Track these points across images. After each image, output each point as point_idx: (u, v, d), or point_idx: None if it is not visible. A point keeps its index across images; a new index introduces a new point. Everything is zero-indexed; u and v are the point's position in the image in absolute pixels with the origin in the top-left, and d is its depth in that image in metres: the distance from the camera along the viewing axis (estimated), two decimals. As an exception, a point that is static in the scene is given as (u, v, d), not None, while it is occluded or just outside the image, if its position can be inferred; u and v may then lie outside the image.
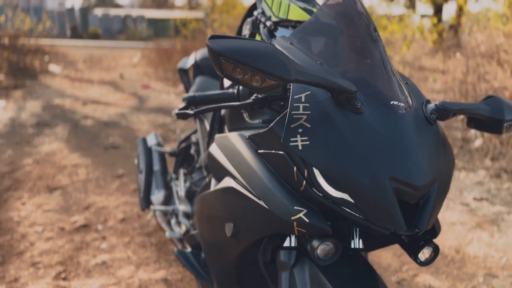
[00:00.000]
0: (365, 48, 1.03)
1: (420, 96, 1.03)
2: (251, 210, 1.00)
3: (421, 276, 2.05)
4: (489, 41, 8.01)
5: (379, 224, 0.85)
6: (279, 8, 1.29)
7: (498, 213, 2.72)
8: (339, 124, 0.87)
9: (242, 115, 1.18)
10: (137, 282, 1.98)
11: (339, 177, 0.85)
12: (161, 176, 2.11)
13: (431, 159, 0.89)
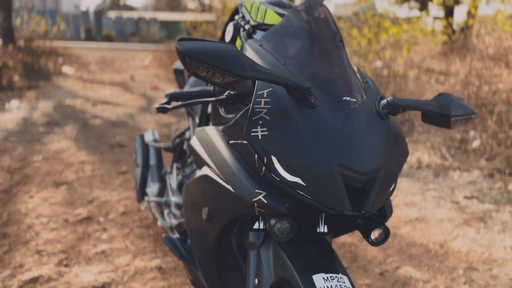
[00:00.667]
0: (327, 50, 1.14)
1: (376, 93, 1.13)
2: (221, 195, 1.11)
3: (403, 268, 2.15)
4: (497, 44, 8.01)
5: (327, 204, 0.95)
6: (257, 13, 1.41)
7: (486, 211, 2.79)
8: (294, 117, 0.99)
9: (219, 110, 1.29)
10: (133, 270, 2.11)
11: (293, 164, 0.96)
12: (157, 170, 2.24)
13: (378, 149, 1.00)
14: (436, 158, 3.81)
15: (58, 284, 1.99)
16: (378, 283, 2.02)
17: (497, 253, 2.28)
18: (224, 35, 1.54)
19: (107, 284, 1.99)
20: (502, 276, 2.08)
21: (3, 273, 2.06)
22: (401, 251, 2.31)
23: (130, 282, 2.01)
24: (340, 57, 1.13)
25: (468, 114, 1.14)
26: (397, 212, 2.78)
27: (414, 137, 4.42)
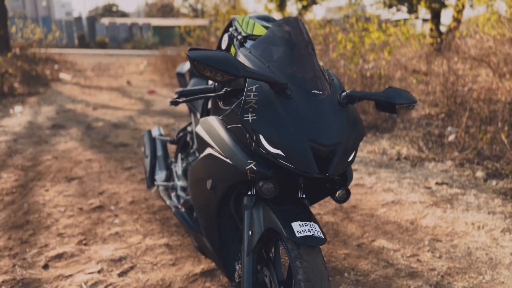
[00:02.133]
0: (301, 55, 1.48)
1: (339, 87, 1.48)
2: (222, 167, 1.45)
3: (377, 241, 2.49)
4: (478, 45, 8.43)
5: (301, 169, 1.29)
6: (247, 26, 1.75)
7: (454, 194, 3.15)
8: (276, 105, 1.33)
9: (218, 103, 1.64)
10: (144, 247, 2.44)
11: (275, 140, 1.29)
12: (163, 160, 2.57)
13: (338, 128, 1.34)
14: (414, 151, 4.17)
15: (80, 258, 2.31)
16: (355, 252, 2.36)
17: (459, 228, 2.63)
18: (221, 44, 1.88)
19: (123, 258, 2.31)
20: (461, 245, 2.43)
21: (31, 251, 2.38)
22: (377, 228, 2.65)
23: (142, 256, 2.33)
24: (311, 60, 1.47)
25: (411, 102, 1.48)
26: (376, 197, 3.13)
27: (394, 132, 4.79)
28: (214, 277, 2.13)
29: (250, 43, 1.71)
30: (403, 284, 2.07)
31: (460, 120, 4.66)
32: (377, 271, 2.19)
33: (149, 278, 2.13)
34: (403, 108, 1.48)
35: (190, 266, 2.23)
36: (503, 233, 2.55)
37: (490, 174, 3.47)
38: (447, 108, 5.35)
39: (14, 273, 2.16)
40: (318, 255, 1.30)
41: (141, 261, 2.29)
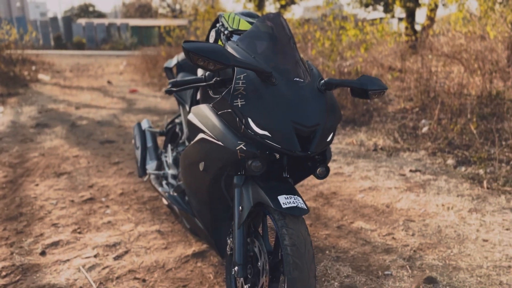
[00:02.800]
0: (284, 47, 1.64)
1: (318, 76, 1.64)
2: (214, 149, 1.60)
3: (356, 223, 2.67)
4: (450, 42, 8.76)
5: (285, 147, 1.45)
6: (233, 22, 1.90)
7: (426, 180, 3.37)
8: (262, 91, 1.48)
9: (209, 92, 1.78)
10: (136, 233, 2.56)
11: (262, 122, 1.45)
12: (153, 150, 2.70)
13: (318, 112, 1.51)
14: (390, 142, 4.39)
15: (76, 245, 2.42)
16: (335, 233, 2.54)
17: (431, 209, 2.84)
18: (209, 39, 2.03)
19: (117, 243, 2.44)
20: (432, 224, 2.63)
21: (27, 240, 2.48)
22: (355, 211, 2.84)
23: (136, 242, 2.46)
24: (292, 52, 1.64)
25: (382, 89, 1.66)
26: (354, 184, 3.32)
27: (371, 125, 5.01)
28: (205, 258, 2.28)
29: (236, 38, 1.85)
30: (379, 258, 2.25)
31: (433, 113, 4.91)
32: (356, 248, 2.37)
33: (143, 261, 2.26)
34: (375, 94, 1.65)
35: (181, 249, 2.37)
36: (470, 213, 2.77)
37: (460, 162, 3.71)
38: (421, 102, 5.60)
39: (13, 259, 2.26)
40: (302, 224, 1.47)
41: (134, 246, 2.42)
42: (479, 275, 2.08)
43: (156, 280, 2.09)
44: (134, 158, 4.05)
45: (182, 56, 2.72)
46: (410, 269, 2.15)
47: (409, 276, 2.09)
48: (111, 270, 2.17)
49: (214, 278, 2.10)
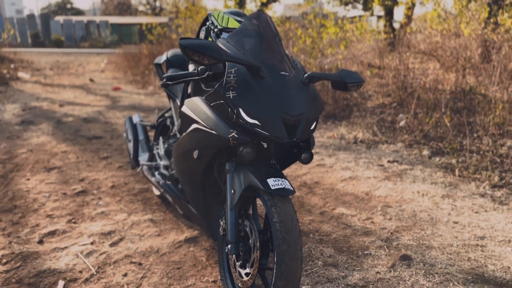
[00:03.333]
0: (270, 44, 1.79)
1: (302, 70, 1.80)
2: (208, 138, 1.74)
3: (337, 209, 2.85)
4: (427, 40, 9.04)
5: (273, 135, 1.60)
6: (222, 20, 2.04)
7: (403, 170, 3.57)
8: (251, 84, 1.63)
9: (201, 86, 1.92)
10: (130, 222, 2.68)
11: (252, 112, 1.60)
12: (145, 143, 2.82)
13: (302, 102, 1.66)
14: (369, 135, 4.60)
15: (72, 234, 2.53)
16: (318, 218, 2.71)
17: (407, 196, 3.04)
18: (199, 36, 2.16)
19: (112, 231, 2.55)
20: (408, 209, 2.82)
21: (24, 230, 2.58)
22: (337, 199, 3.01)
23: (130, 230, 2.58)
24: (278, 48, 1.79)
25: (359, 82, 1.82)
26: (335, 174, 3.50)
27: (351, 120, 5.21)
28: (197, 243, 2.42)
29: (226, 35, 1.99)
30: (359, 240, 2.43)
31: (410, 107, 5.14)
32: (338, 232, 2.54)
33: (138, 247, 2.38)
34: (353, 86, 1.81)
35: (174, 236, 2.50)
36: (443, 198, 2.98)
37: (434, 152, 3.93)
38: (398, 97, 5.83)
39: (12, 248, 2.36)
40: (289, 203, 1.62)
41: (129, 233, 2.54)
42: (449, 253, 2.28)
43: (151, 263, 2.22)
44: (121, 153, 4.15)
45: (171, 52, 2.84)
46: (387, 248, 2.33)
47: (386, 255, 2.27)
48: (108, 255, 2.29)
49: (206, 260, 2.24)
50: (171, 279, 2.08)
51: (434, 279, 2.04)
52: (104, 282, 2.05)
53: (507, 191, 3.07)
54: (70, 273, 2.13)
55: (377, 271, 2.12)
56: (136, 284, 2.03)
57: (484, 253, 2.27)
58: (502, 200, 2.93)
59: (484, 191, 3.08)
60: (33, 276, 2.09)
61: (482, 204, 2.88)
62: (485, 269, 2.12)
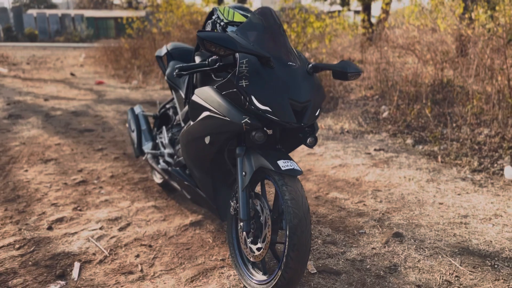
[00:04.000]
0: (277, 36, 1.93)
1: (305, 61, 1.95)
2: (220, 124, 1.87)
3: (331, 194, 3.02)
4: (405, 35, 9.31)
5: (283, 120, 1.74)
6: (228, 14, 2.17)
7: (389, 157, 3.78)
8: (262, 73, 1.77)
9: (211, 76, 2.05)
10: (134, 209, 2.79)
11: (264, 99, 1.74)
12: (148, 132, 2.92)
13: (308, 90, 1.81)
14: (355, 126, 4.79)
15: (79, 220, 2.62)
16: (314, 202, 2.88)
17: (394, 181, 3.24)
18: (205, 29, 2.28)
19: (118, 217, 2.66)
20: (396, 193, 3.02)
21: (31, 218, 2.65)
22: (329, 184, 3.19)
23: (135, 216, 2.69)
24: (284, 40, 1.93)
25: (358, 72, 1.98)
26: (326, 162, 3.68)
27: (337, 111, 5.40)
28: (202, 226, 2.55)
29: (232, 28, 2.12)
30: (354, 221, 2.61)
31: (392, 99, 5.36)
32: (333, 213, 2.71)
33: (146, 231, 2.50)
34: (352, 76, 1.97)
35: (179, 220, 2.63)
36: (428, 182, 3.19)
37: (417, 141, 4.15)
38: (380, 90, 6.06)
39: (22, 234, 2.44)
40: (298, 182, 1.77)
41: (135, 219, 2.65)
42: (437, 230, 2.48)
43: (161, 245, 2.34)
44: (115, 145, 4.22)
45: (171, 45, 2.95)
46: (380, 227, 2.51)
47: (380, 233, 2.45)
48: (118, 239, 2.40)
49: (213, 241, 2.37)
50: (181, 259, 2.21)
51: (425, 253, 2.23)
52: (118, 263, 2.16)
53: (486, 175, 3.31)
54: (84, 255, 2.23)
55: (372, 247, 2.30)
56: (149, 264, 2.15)
57: (468, 229, 2.48)
58: (482, 183, 3.16)
59: (465, 175, 3.31)
60: (48, 259, 2.19)
61: (463, 187, 3.10)
62: (469, 243, 2.32)
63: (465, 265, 2.12)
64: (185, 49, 2.94)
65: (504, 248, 2.27)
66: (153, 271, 2.10)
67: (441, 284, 1.97)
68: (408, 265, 2.13)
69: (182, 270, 2.11)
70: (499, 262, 2.14)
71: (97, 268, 2.12)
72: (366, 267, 2.11)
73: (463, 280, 2.00)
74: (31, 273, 2.06)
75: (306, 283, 1.98)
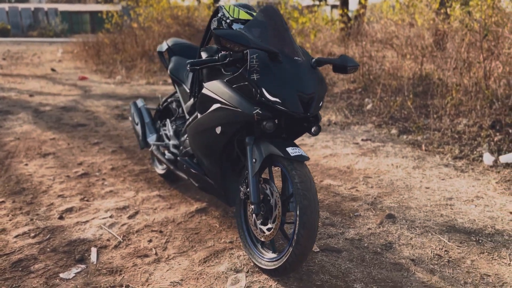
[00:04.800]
0: (282, 33, 2.08)
1: (308, 56, 2.11)
2: (231, 114, 2.02)
3: (325, 181, 3.21)
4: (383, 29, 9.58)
5: (292, 110, 1.90)
6: (233, 12, 2.31)
7: (376, 146, 3.99)
8: (272, 67, 1.92)
9: (220, 70, 2.19)
10: (140, 198, 2.91)
11: (273, 91, 1.89)
12: (152, 125, 3.04)
13: (313, 83, 1.98)
14: (342, 118, 5.00)
15: (89, 210, 2.73)
16: (310, 189, 3.06)
17: (383, 168, 3.45)
18: (210, 26, 2.41)
19: (126, 206, 2.78)
20: (386, 179, 3.23)
21: (41, 209, 2.74)
22: (322, 172, 3.38)
23: (142, 205, 2.81)
24: (289, 36, 2.09)
25: (356, 65, 2.16)
26: (317, 152, 3.86)
27: (323, 104, 5.60)
28: (207, 212, 2.70)
29: (237, 25, 2.26)
30: (349, 205, 2.80)
31: (375, 92, 5.59)
32: (329, 199, 2.90)
33: (154, 218, 2.63)
34: (352, 69, 2.14)
35: (185, 208, 2.77)
36: (414, 169, 3.41)
37: (401, 131, 4.39)
38: (363, 83, 6.29)
39: (35, 224, 2.54)
40: (306, 167, 1.94)
41: (142, 208, 2.77)
42: (425, 211, 2.69)
43: (171, 231, 2.48)
44: (111, 139, 4.31)
45: (171, 41, 3.07)
46: (374, 210, 2.71)
47: (374, 215, 2.65)
48: (129, 226, 2.52)
49: (220, 226, 2.53)
50: (192, 242, 2.35)
51: (416, 231, 2.44)
52: (133, 247, 2.30)
53: (466, 161, 3.56)
54: (99, 241, 2.35)
55: (368, 227, 2.50)
56: (162, 248, 2.29)
57: (453, 210, 2.71)
58: (463, 169, 3.41)
59: (447, 162, 3.56)
60: (65, 245, 2.30)
61: (447, 173, 3.34)
62: (455, 222, 2.55)
63: (453, 241, 2.34)
64: (185, 44, 3.06)
65: (486, 226, 2.50)
66: (167, 254, 2.24)
67: (432, 258, 2.17)
68: (401, 242, 2.33)
69: (194, 252, 2.25)
70: (483, 237, 2.37)
71: (113, 253, 2.24)
72: (364, 245, 2.31)
73: (451, 254, 2.21)
74: (51, 259, 2.17)
75: (311, 261, 2.15)
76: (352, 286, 1.96)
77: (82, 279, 2.02)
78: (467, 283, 1.97)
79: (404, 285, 1.96)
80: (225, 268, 2.11)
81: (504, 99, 4.41)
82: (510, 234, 2.40)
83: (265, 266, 2.04)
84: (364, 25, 11.19)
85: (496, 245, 2.29)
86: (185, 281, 2.01)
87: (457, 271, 2.07)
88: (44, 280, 2.01)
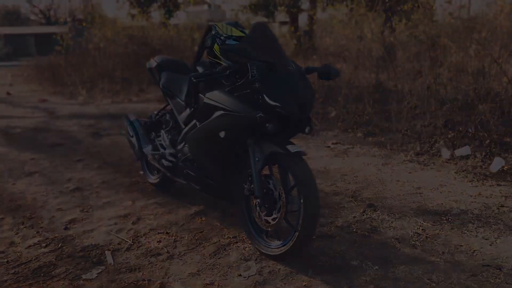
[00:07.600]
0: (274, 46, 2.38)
1: (297, 65, 2.41)
2: (235, 119, 2.27)
3: (307, 180, 3.50)
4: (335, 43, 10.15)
5: (291, 112, 2.18)
6: (226, 30, 2.58)
7: (346, 149, 4.37)
8: (271, 76, 2.21)
9: (220, 81, 2.44)
10: (139, 207, 3.07)
11: (274, 96, 2.17)
12: (146, 136, 3.22)
13: (306, 89, 2.28)
14: (309, 125, 5.36)
15: (92, 219, 2.86)
16: (295, 188, 3.34)
17: (356, 167, 3.81)
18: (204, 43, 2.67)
19: (127, 214, 2.93)
20: (360, 175, 3.58)
21: (43, 222, 2.84)
22: (303, 174, 3.67)
23: (142, 212, 2.98)
24: (280, 49, 2.38)
25: (337, 73, 2.49)
26: (294, 156, 4.17)
27: (291, 114, 5.95)
28: (206, 214, 2.91)
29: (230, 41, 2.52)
30: (332, 198, 3.11)
31: (337, 100, 6.02)
32: (314, 195, 3.19)
33: (157, 222, 2.80)
34: (335, 76, 2.47)
35: (184, 211, 2.96)
36: (383, 166, 3.80)
37: (366, 134, 4.80)
38: (324, 94, 6.72)
39: (43, 236, 2.64)
40: (305, 161, 2.23)
41: (143, 214, 2.94)
42: (399, 199, 3.05)
43: (176, 231, 2.67)
44: (92, 156, 4.40)
45: (158, 58, 3.29)
46: (355, 201, 3.04)
47: (356, 206, 2.97)
48: (135, 230, 2.69)
49: (221, 225, 2.75)
50: (199, 240, 2.56)
51: (395, 216, 2.78)
52: (145, 248, 2.47)
53: (427, 156, 3.99)
54: (110, 245, 2.50)
55: (353, 216, 2.81)
56: (172, 246, 2.48)
57: (423, 197, 3.09)
58: (426, 163, 3.83)
59: (411, 158, 3.97)
60: (80, 251, 2.44)
61: (412, 167, 3.74)
62: (426, 206, 2.92)
63: (427, 221, 2.69)
64: (171, 60, 3.29)
65: (452, 208, 2.88)
66: (178, 251, 2.44)
67: (413, 236, 2.51)
68: (384, 226, 2.66)
69: (203, 248, 2.46)
70: (451, 217, 2.74)
71: (127, 254, 2.41)
72: (352, 231, 2.61)
73: (428, 231, 2.56)
74: (70, 263, 2.31)
75: (310, 246, 2.43)
76: (350, 263, 2.25)
77: (105, 278, 2.17)
78: (445, 253, 2.32)
79: (393, 258, 2.28)
80: (235, 258, 2.34)
81: (453, 101, 4.95)
82: (473, 213, 2.80)
83: (272, 253, 2.29)
84: (316, 40, 11.81)
85: (463, 222, 2.67)
86: (202, 271, 2.22)
87: (435, 244, 2.41)
88: (69, 281, 2.15)
